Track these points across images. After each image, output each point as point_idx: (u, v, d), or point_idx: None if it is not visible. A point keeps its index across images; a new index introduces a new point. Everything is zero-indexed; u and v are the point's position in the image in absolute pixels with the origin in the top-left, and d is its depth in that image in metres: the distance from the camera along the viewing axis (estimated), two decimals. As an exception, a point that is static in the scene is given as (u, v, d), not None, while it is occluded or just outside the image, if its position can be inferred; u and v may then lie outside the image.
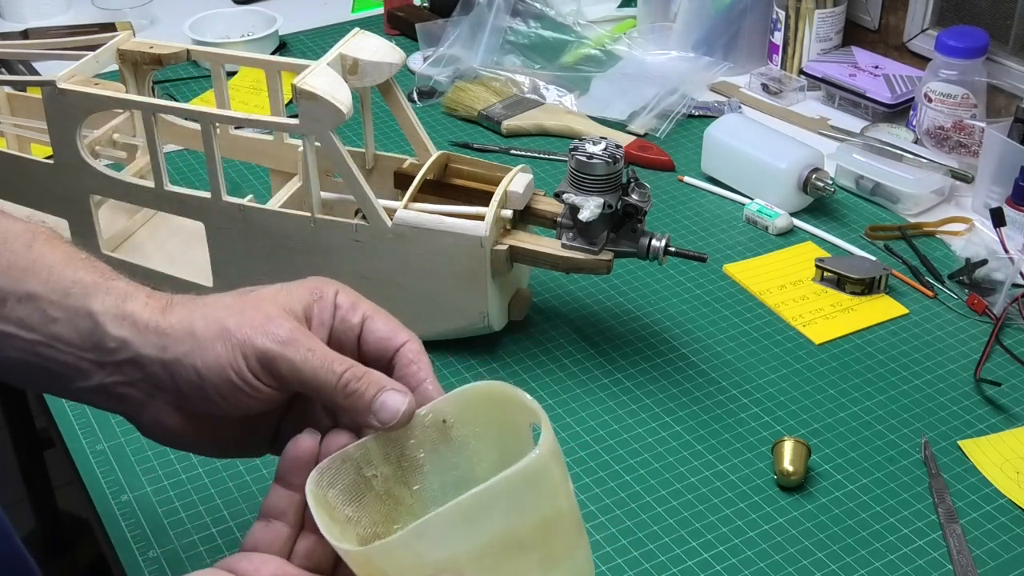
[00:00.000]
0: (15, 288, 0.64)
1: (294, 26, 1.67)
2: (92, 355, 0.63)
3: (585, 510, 0.85)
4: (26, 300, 0.63)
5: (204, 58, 1.10)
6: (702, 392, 0.97)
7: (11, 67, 1.48)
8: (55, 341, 0.63)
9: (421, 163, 1.00)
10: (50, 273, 0.64)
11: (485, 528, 0.55)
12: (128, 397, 0.64)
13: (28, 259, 0.65)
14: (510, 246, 0.95)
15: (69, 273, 0.64)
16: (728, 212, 1.23)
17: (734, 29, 1.50)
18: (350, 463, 0.60)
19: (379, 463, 0.61)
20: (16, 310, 0.63)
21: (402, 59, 0.99)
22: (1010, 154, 1.14)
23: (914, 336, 1.03)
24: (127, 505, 0.86)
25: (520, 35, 1.53)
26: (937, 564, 0.80)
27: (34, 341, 0.63)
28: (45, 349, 0.63)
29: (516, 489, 0.55)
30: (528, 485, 0.55)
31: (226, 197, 0.98)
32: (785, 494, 0.86)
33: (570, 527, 0.58)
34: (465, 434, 0.62)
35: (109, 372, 0.63)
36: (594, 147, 0.92)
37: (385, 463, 0.61)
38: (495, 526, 0.55)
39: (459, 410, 0.61)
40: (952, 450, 0.90)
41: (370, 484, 0.61)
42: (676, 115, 1.38)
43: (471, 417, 0.61)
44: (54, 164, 1.02)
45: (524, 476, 0.54)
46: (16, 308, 0.63)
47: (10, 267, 0.64)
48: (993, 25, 1.32)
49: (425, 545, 0.54)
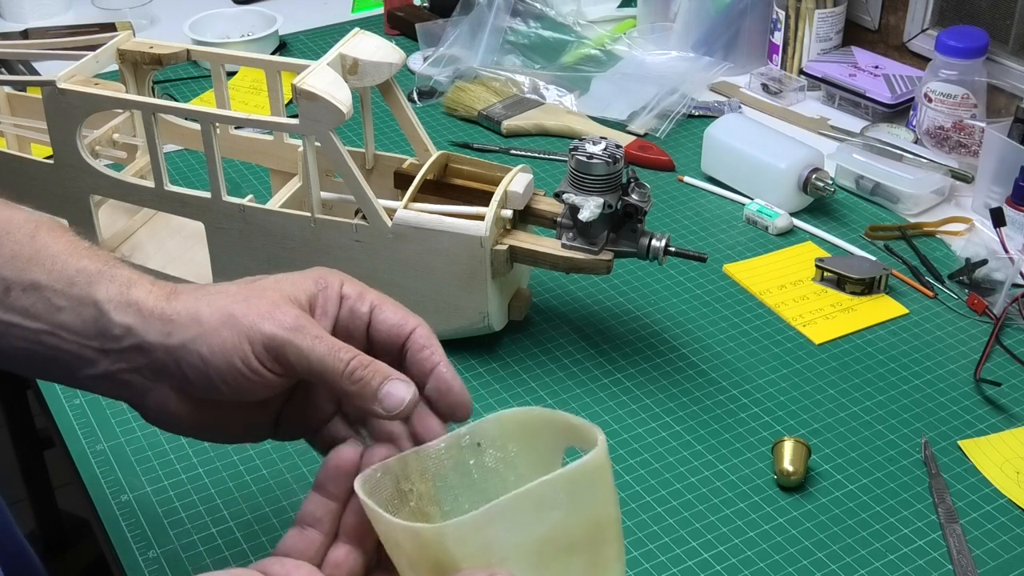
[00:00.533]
0: (19, 277, 0.64)
1: (294, 26, 1.67)
2: (96, 343, 0.63)
3: (585, 510, 0.85)
4: (30, 289, 0.64)
5: (204, 58, 1.10)
6: (702, 392, 0.97)
7: (11, 67, 1.48)
8: (59, 330, 0.63)
9: (421, 163, 1.00)
10: (54, 262, 0.64)
11: (548, 519, 0.55)
12: (132, 384, 0.64)
13: (32, 248, 0.65)
14: (510, 246, 0.95)
15: (73, 262, 0.65)
16: (728, 212, 1.23)
17: (734, 29, 1.50)
18: (390, 476, 0.60)
19: (416, 479, 0.61)
20: (20, 299, 0.64)
21: (402, 59, 0.99)
22: (1010, 154, 1.14)
23: (914, 336, 1.03)
24: (127, 505, 0.86)
25: (520, 35, 1.54)
26: (937, 564, 0.80)
27: (38, 330, 0.63)
28: (49, 338, 0.63)
29: (577, 484, 0.55)
30: (588, 482, 0.56)
31: (226, 197, 0.98)
32: (785, 494, 0.86)
33: (616, 536, 0.58)
34: (497, 458, 0.62)
35: (114, 359, 0.63)
36: (594, 147, 0.92)
37: (421, 480, 0.61)
38: (556, 519, 0.55)
39: (495, 434, 0.61)
40: (952, 450, 0.90)
41: (406, 499, 0.60)
42: (676, 115, 1.38)
43: (503, 443, 0.61)
44: (54, 164, 1.02)
45: (585, 472, 0.55)
46: (20, 297, 0.64)
47: (14, 257, 0.64)
48: (993, 25, 1.32)
49: (495, 530, 0.54)
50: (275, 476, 0.88)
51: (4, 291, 0.64)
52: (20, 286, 0.64)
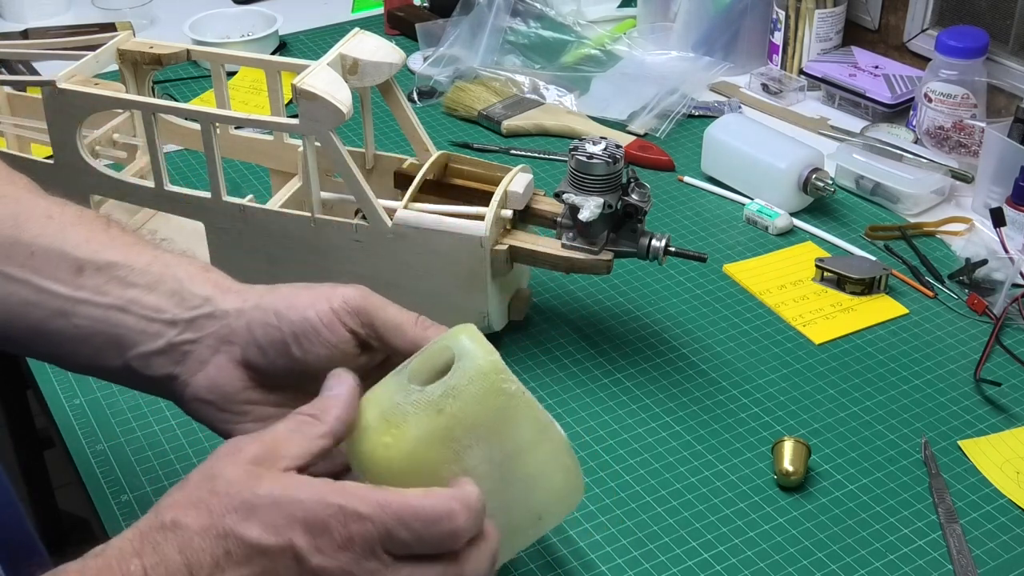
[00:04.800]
0: (94, 258, 0.67)
1: (294, 26, 1.67)
2: (168, 314, 0.66)
3: (585, 510, 0.85)
4: (106, 268, 0.67)
5: (204, 58, 1.10)
6: (702, 392, 0.97)
7: (11, 67, 1.48)
8: (131, 304, 0.66)
9: (421, 163, 1.00)
10: (129, 248, 0.68)
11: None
12: (191, 355, 0.66)
13: (107, 236, 0.69)
14: (510, 246, 0.95)
15: (148, 250, 0.68)
16: (728, 212, 1.23)
17: (734, 29, 1.50)
18: None
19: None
20: (94, 277, 0.66)
21: (402, 59, 0.99)
22: (1010, 154, 1.14)
23: (914, 336, 1.03)
24: (127, 505, 0.86)
25: (520, 35, 1.54)
26: (937, 564, 0.80)
27: (108, 305, 0.66)
28: (118, 313, 0.66)
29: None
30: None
31: (226, 197, 0.98)
32: (785, 494, 0.86)
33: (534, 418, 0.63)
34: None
35: (181, 329, 0.66)
36: (594, 147, 0.92)
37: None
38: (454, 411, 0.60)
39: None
40: (952, 450, 0.90)
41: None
42: (676, 115, 1.38)
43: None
44: (54, 164, 1.02)
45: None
46: (94, 276, 0.67)
47: (88, 241, 0.68)
48: (993, 25, 1.32)
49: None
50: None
51: (77, 270, 0.66)
52: (95, 265, 0.67)
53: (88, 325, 0.66)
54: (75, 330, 0.66)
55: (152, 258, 0.68)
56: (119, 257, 0.67)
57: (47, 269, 0.67)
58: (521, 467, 0.63)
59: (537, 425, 0.63)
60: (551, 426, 0.64)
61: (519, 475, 0.63)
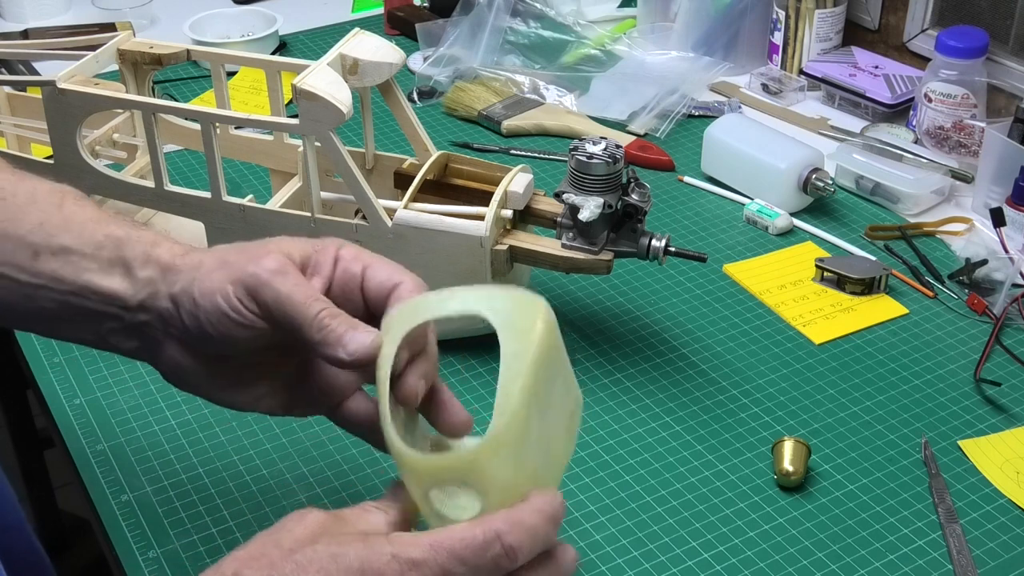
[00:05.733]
0: (48, 243, 0.67)
1: (294, 26, 1.67)
2: (120, 300, 0.66)
3: (585, 510, 0.85)
4: (60, 253, 0.67)
5: (204, 58, 1.10)
6: (702, 392, 0.97)
7: (11, 67, 1.48)
8: (85, 290, 0.66)
9: (421, 163, 1.00)
10: (82, 229, 0.67)
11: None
12: (148, 337, 0.67)
13: (60, 217, 0.68)
14: (510, 246, 0.95)
15: (101, 228, 0.68)
16: (728, 212, 1.23)
17: (734, 29, 1.50)
18: None
19: None
20: (50, 262, 0.67)
21: (402, 59, 0.99)
22: (1010, 154, 1.14)
23: (914, 336, 1.03)
24: (127, 505, 0.86)
25: (520, 35, 1.54)
26: (937, 564, 0.80)
27: (66, 291, 0.66)
28: (75, 299, 0.66)
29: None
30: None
31: (226, 197, 0.98)
32: (785, 494, 0.86)
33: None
34: None
35: (135, 312, 0.66)
36: (594, 147, 0.92)
37: None
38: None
39: None
40: (952, 450, 0.90)
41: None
42: (676, 115, 1.38)
43: None
44: (54, 164, 1.02)
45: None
46: (50, 261, 0.67)
47: (42, 224, 0.67)
48: (993, 25, 1.32)
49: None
50: (275, 476, 0.88)
51: (33, 256, 0.67)
52: (50, 250, 0.67)
53: (54, 308, 0.67)
54: (44, 311, 0.67)
55: (104, 238, 0.67)
56: (71, 241, 0.67)
57: (4, 255, 0.67)
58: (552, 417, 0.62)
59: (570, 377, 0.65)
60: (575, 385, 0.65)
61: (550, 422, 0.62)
